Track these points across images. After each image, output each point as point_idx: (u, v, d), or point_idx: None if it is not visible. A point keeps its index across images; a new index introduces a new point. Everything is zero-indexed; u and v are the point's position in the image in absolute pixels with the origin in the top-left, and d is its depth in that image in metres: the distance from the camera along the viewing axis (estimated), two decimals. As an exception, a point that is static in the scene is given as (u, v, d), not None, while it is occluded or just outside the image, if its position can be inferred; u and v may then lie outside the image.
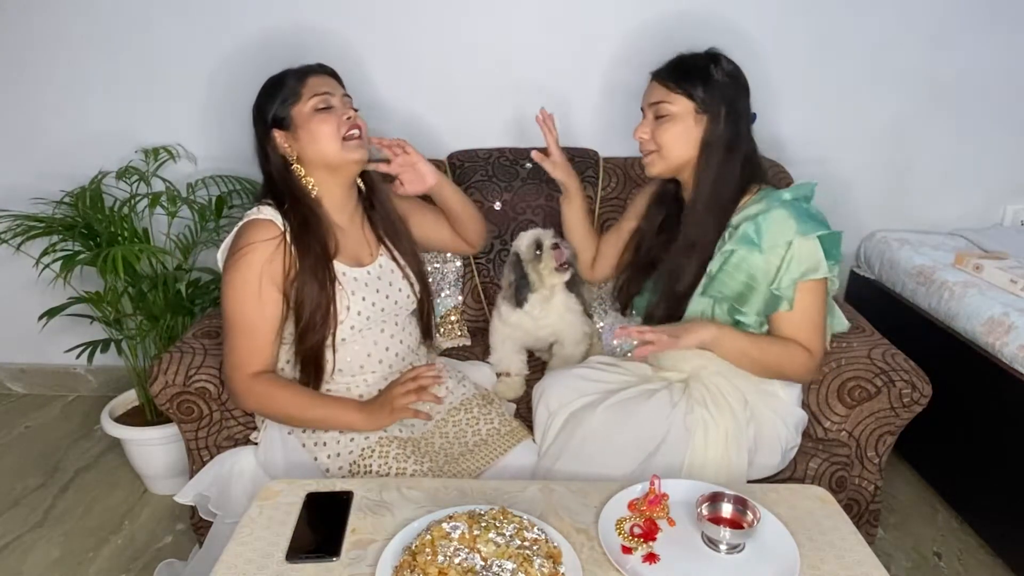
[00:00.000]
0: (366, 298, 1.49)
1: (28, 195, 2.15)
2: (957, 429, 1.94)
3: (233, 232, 1.46)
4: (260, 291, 1.39)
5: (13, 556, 1.85)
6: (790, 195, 1.42)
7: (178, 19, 2.14)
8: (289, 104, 1.43)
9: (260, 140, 1.47)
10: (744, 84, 1.47)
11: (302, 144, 1.43)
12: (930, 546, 1.92)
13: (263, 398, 1.42)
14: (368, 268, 1.53)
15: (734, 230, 1.43)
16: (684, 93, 1.43)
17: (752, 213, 1.42)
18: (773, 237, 1.38)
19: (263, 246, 1.39)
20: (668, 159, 1.48)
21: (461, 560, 0.96)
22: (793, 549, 1.07)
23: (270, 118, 1.44)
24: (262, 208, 1.45)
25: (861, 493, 1.63)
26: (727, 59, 1.46)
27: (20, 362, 2.60)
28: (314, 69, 1.47)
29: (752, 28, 2.13)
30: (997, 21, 2.17)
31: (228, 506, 1.45)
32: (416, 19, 2.14)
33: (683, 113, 1.44)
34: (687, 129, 1.45)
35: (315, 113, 1.42)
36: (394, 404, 1.39)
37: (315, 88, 1.43)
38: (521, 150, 2.12)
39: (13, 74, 2.21)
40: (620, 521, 1.12)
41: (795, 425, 1.52)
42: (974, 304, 1.87)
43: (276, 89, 1.45)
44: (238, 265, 1.40)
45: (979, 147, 2.31)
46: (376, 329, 1.52)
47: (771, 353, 1.43)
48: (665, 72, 1.47)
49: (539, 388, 1.60)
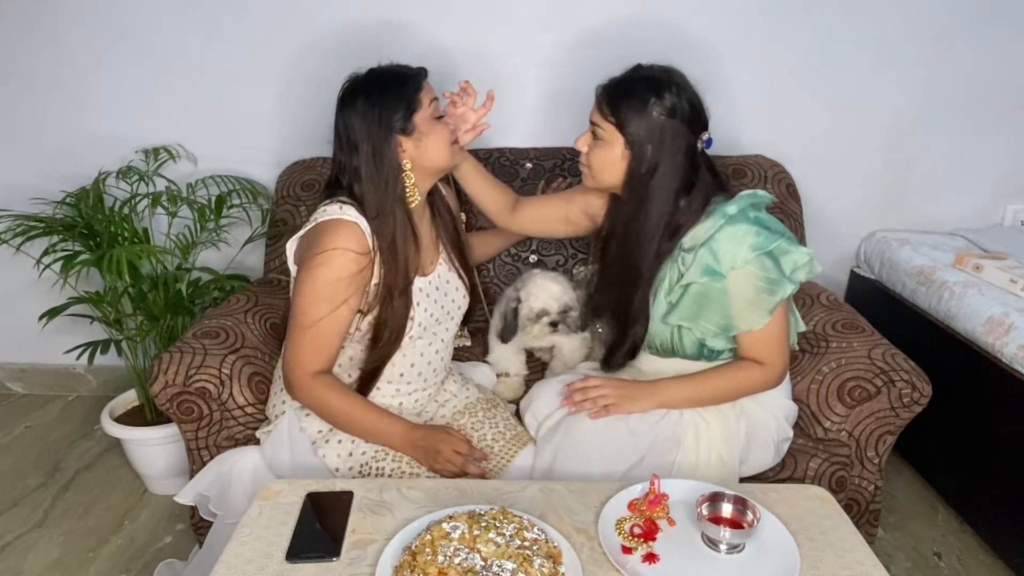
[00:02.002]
0: (427, 308, 1.49)
1: (28, 195, 2.14)
2: (957, 429, 1.94)
3: (313, 225, 1.40)
4: (339, 298, 1.36)
5: (13, 556, 1.85)
6: (736, 208, 1.36)
7: (178, 19, 2.14)
8: (414, 110, 1.40)
9: (376, 144, 1.39)
10: (689, 117, 1.36)
11: (420, 151, 1.42)
12: (930, 546, 1.92)
13: (318, 398, 1.42)
14: (429, 277, 1.52)
15: (686, 254, 1.39)
16: (615, 123, 1.38)
17: (701, 236, 1.37)
18: (731, 258, 1.33)
19: (354, 257, 1.35)
20: (598, 180, 1.46)
21: (461, 560, 0.96)
22: (793, 549, 1.07)
23: (396, 123, 1.39)
24: (346, 208, 1.39)
25: (861, 493, 1.63)
26: (677, 87, 1.36)
27: (20, 362, 2.60)
28: (423, 73, 1.45)
29: (752, 28, 2.14)
30: (997, 21, 2.17)
31: (228, 506, 1.45)
32: (415, 19, 2.14)
33: (613, 141, 1.39)
34: (615, 159, 1.40)
35: (435, 121, 1.43)
36: (436, 460, 1.39)
37: (429, 94, 1.43)
38: (521, 150, 2.12)
39: (13, 74, 2.21)
40: (620, 521, 1.12)
41: (785, 417, 1.52)
42: (974, 304, 1.87)
43: (399, 93, 1.40)
44: (323, 267, 1.35)
45: (979, 147, 2.31)
46: (425, 342, 1.52)
47: (722, 387, 1.44)
48: (605, 93, 1.41)
49: (524, 402, 1.61)
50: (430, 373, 1.56)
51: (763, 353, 1.42)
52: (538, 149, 2.12)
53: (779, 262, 1.35)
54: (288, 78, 2.19)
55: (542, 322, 1.71)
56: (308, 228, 1.41)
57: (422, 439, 1.41)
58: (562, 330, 1.72)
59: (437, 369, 1.57)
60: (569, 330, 1.73)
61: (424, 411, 1.58)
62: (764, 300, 1.36)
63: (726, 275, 1.34)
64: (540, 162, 2.08)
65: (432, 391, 1.59)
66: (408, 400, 1.55)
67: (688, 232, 1.40)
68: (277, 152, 2.21)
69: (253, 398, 1.60)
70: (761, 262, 1.34)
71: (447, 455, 1.38)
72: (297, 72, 2.18)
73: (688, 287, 1.39)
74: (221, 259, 2.24)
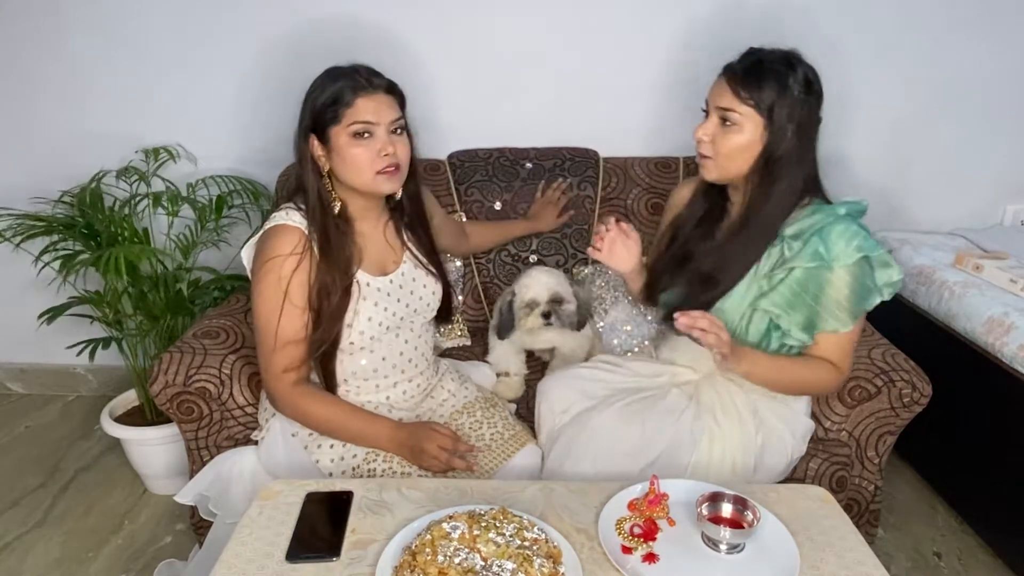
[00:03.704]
0: (387, 308, 1.48)
1: (28, 194, 2.14)
2: (957, 429, 1.94)
3: (260, 232, 1.43)
4: (287, 299, 1.37)
5: (13, 556, 1.85)
6: (845, 210, 1.38)
7: (178, 19, 2.14)
8: (329, 122, 1.36)
9: (298, 138, 1.41)
10: (819, 92, 1.38)
11: (334, 163, 1.40)
12: (930, 546, 1.92)
13: (301, 409, 1.43)
14: (391, 276, 1.52)
15: (791, 241, 1.38)
16: (754, 105, 1.34)
17: (807, 227, 1.37)
18: (840, 251, 1.34)
19: (291, 259, 1.37)
20: (725, 168, 1.41)
21: (461, 560, 0.96)
22: (793, 549, 1.07)
23: (311, 123, 1.38)
24: (291, 213, 1.41)
25: (861, 493, 1.63)
26: (807, 64, 1.37)
27: (20, 362, 2.60)
28: (371, 87, 1.37)
29: (751, 28, 2.13)
30: (997, 22, 2.17)
31: (228, 506, 1.45)
32: (414, 19, 2.14)
33: (750, 124, 1.35)
34: (751, 142, 1.36)
35: (352, 139, 1.36)
36: (423, 458, 1.39)
37: (361, 113, 1.35)
38: (521, 150, 2.12)
39: (13, 74, 2.21)
40: (620, 521, 1.12)
41: (802, 435, 1.52)
42: (974, 304, 1.87)
43: (327, 96, 1.36)
44: (267, 276, 1.38)
45: (979, 147, 2.31)
46: (392, 335, 1.51)
47: (801, 377, 1.42)
48: (738, 75, 1.36)
49: (541, 388, 1.59)
50: (406, 364, 1.55)
51: (838, 356, 1.41)
52: (538, 149, 2.13)
53: (875, 272, 1.37)
54: (289, 78, 2.17)
55: (534, 313, 1.71)
56: (257, 236, 1.44)
57: (408, 438, 1.41)
58: (556, 323, 1.72)
59: (413, 359, 1.56)
60: (562, 324, 1.73)
61: (420, 405, 1.57)
62: (855, 304, 1.37)
63: (832, 267, 1.34)
64: (540, 162, 2.08)
65: (421, 381, 1.58)
66: (395, 393, 1.54)
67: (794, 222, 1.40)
68: (277, 152, 2.21)
69: (253, 398, 1.61)
70: (862, 266, 1.35)
71: (432, 452, 1.38)
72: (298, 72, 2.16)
73: (792, 271, 1.38)
74: (221, 259, 2.24)
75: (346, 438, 1.44)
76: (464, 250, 1.93)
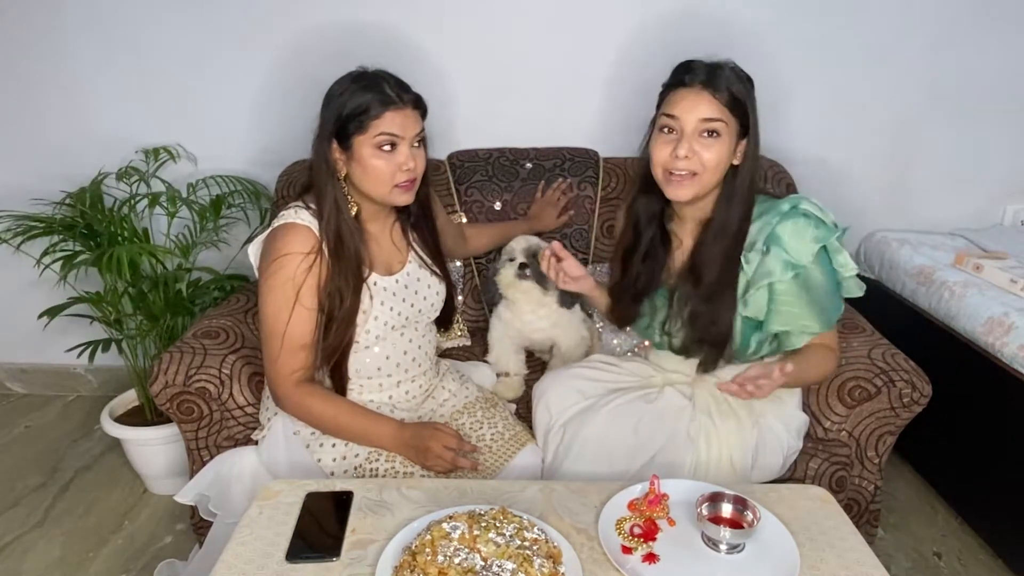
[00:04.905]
0: (393, 307, 1.49)
1: (28, 195, 2.14)
2: (957, 429, 1.94)
3: (269, 230, 1.43)
4: (298, 301, 1.37)
5: (13, 556, 1.85)
6: (788, 205, 1.38)
7: (178, 19, 2.14)
8: (355, 131, 1.35)
9: (319, 140, 1.40)
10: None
11: (352, 170, 1.40)
12: (930, 546, 1.92)
13: (305, 408, 1.42)
14: (397, 276, 1.52)
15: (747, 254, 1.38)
16: (736, 113, 1.33)
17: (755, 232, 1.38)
18: (802, 250, 1.34)
19: (302, 259, 1.37)
20: (707, 184, 1.36)
21: (461, 560, 0.96)
22: (793, 549, 1.07)
23: (334, 129, 1.37)
24: (300, 212, 1.41)
25: (861, 493, 1.63)
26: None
27: (20, 362, 2.60)
28: (401, 102, 1.37)
29: (752, 28, 2.13)
30: (997, 22, 2.17)
31: (228, 506, 1.45)
32: (414, 19, 2.14)
33: (729, 135, 1.33)
34: (729, 151, 1.34)
35: (375, 151, 1.36)
36: (427, 458, 1.39)
37: (389, 126, 1.35)
38: (521, 150, 2.12)
39: (13, 74, 2.21)
40: (620, 521, 1.12)
41: (797, 430, 1.52)
42: (974, 304, 1.87)
43: (355, 105, 1.35)
44: (277, 274, 1.37)
45: (979, 147, 2.31)
46: (397, 334, 1.52)
47: (820, 367, 1.44)
48: (720, 84, 1.31)
49: (538, 389, 1.59)
50: (409, 363, 1.55)
51: (833, 340, 1.46)
52: (538, 149, 2.13)
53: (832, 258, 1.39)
54: (289, 78, 2.19)
55: (512, 266, 1.76)
56: (266, 233, 1.43)
57: (412, 438, 1.41)
58: (531, 275, 1.74)
59: (417, 358, 1.57)
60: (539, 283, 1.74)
61: (421, 406, 1.58)
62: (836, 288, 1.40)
63: (806, 265, 1.35)
64: (540, 162, 2.08)
65: (423, 381, 1.59)
66: (398, 392, 1.54)
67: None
68: (277, 152, 2.21)
69: (253, 398, 1.61)
70: (821, 255, 1.37)
71: (437, 451, 1.38)
72: (298, 72, 2.18)
73: (772, 286, 1.36)
74: (221, 259, 2.24)
75: (350, 437, 1.44)
76: (463, 252, 1.94)
